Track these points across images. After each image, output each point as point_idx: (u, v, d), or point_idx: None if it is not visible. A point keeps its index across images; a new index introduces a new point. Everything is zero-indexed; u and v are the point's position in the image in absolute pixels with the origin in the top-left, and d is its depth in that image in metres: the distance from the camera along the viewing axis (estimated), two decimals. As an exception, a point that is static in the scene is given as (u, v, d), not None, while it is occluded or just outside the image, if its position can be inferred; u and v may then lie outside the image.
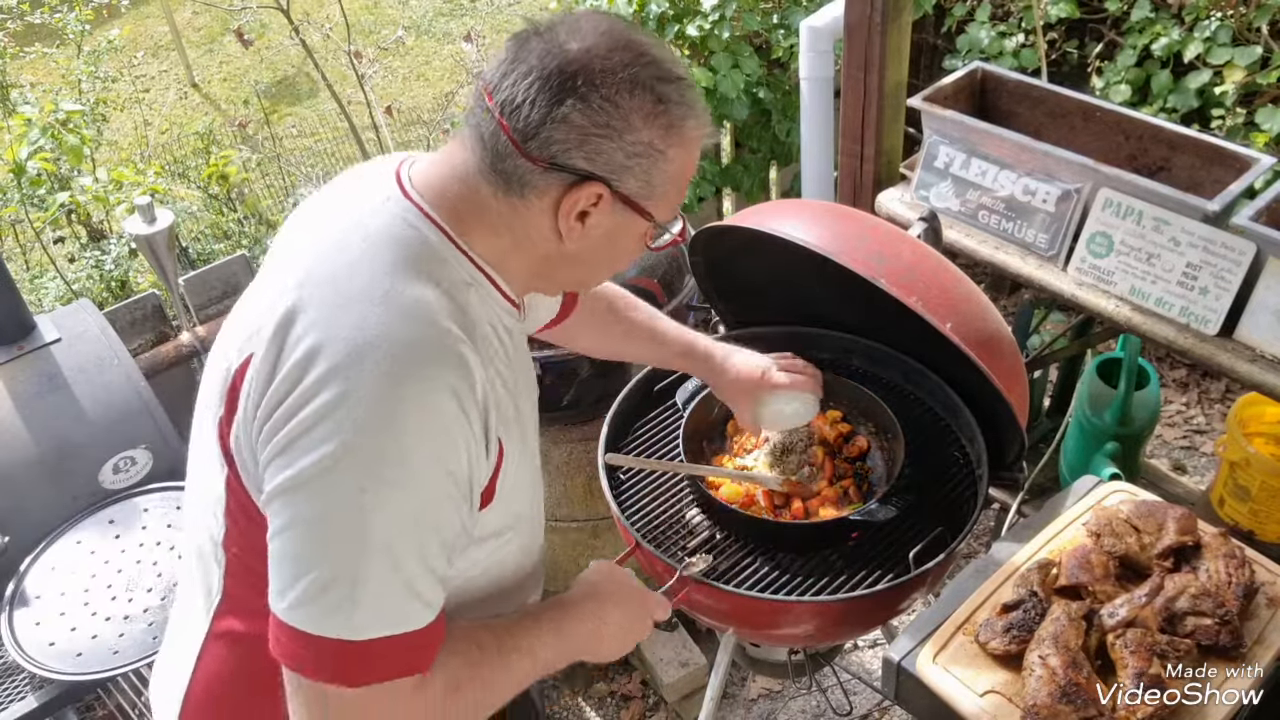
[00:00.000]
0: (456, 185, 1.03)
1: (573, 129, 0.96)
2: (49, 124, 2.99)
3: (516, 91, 0.96)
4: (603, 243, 1.05)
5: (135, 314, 2.41)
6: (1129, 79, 2.83)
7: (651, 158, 1.00)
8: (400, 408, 0.91)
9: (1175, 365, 3.23)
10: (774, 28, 3.11)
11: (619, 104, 0.96)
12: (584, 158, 0.97)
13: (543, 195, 1.00)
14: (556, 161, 0.97)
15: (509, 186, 1.00)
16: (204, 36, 6.81)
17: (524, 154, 0.97)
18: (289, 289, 0.97)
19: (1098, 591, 1.34)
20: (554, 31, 0.98)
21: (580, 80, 0.95)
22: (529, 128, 0.96)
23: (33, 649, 1.66)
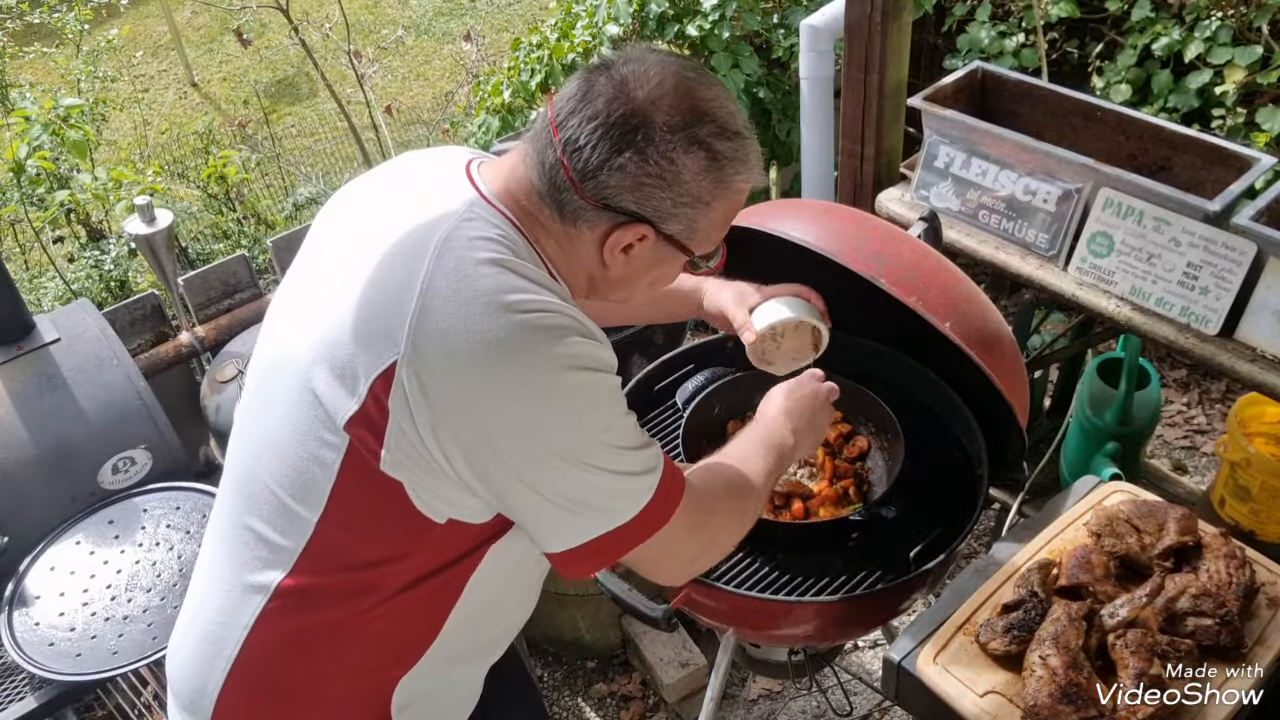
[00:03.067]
0: (524, 198, 1.09)
1: (627, 176, 1.03)
2: (50, 120, 2.99)
3: (581, 134, 1.03)
4: (643, 271, 1.14)
5: (135, 314, 2.41)
6: (1129, 79, 2.82)
7: (698, 208, 1.07)
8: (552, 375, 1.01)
9: (1176, 365, 3.23)
10: (774, 27, 3.11)
11: (673, 159, 1.03)
12: (634, 202, 1.05)
13: (594, 228, 1.08)
14: (608, 203, 1.05)
15: (563, 214, 1.07)
16: (204, 36, 6.81)
17: (579, 193, 1.05)
18: (412, 298, 1.01)
19: (1098, 592, 1.34)
20: (623, 76, 1.04)
21: (641, 135, 1.02)
22: (587, 170, 1.03)
23: (32, 649, 1.65)
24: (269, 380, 1.14)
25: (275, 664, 1.13)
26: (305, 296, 1.15)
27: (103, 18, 5.50)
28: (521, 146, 1.11)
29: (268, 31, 6.43)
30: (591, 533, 1.07)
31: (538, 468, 1.03)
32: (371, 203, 1.17)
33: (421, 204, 1.10)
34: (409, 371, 1.00)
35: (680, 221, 1.08)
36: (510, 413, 1.01)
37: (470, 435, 1.01)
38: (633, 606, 1.45)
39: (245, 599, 1.12)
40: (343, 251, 1.13)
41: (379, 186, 1.20)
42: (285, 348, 1.12)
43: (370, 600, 1.09)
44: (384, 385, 1.01)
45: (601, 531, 1.06)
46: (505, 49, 5.53)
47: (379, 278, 1.06)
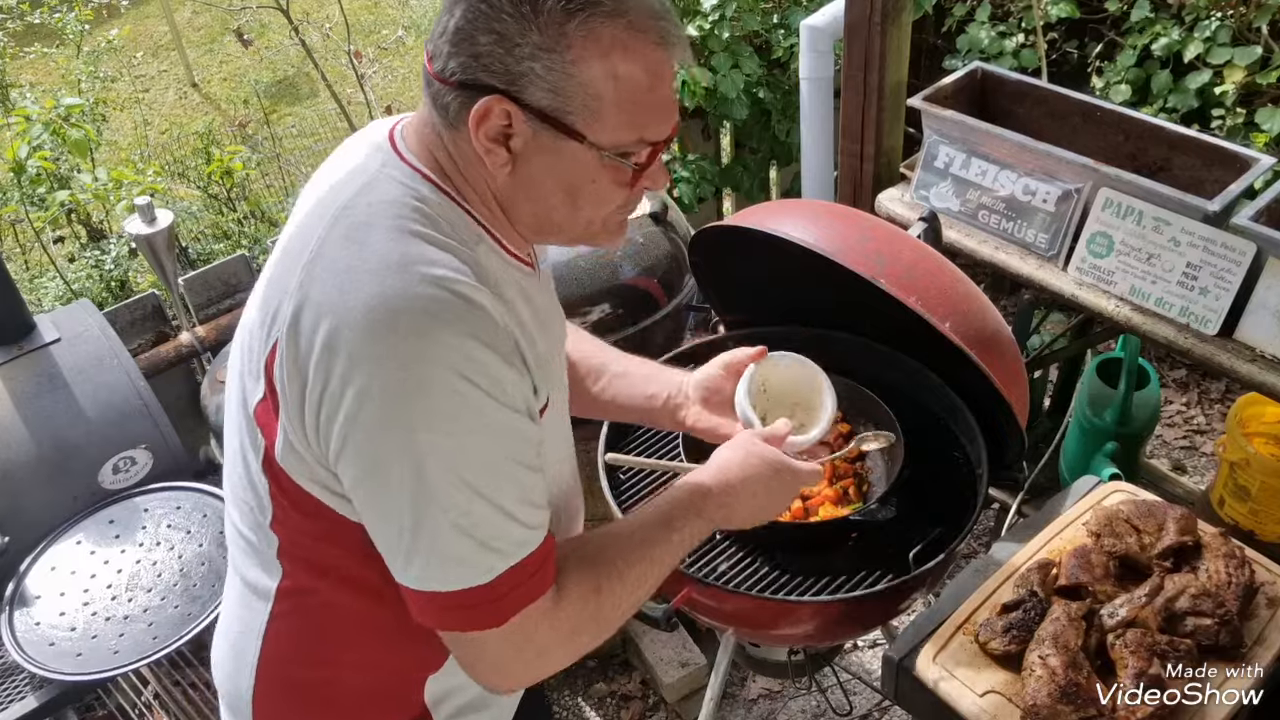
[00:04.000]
0: (430, 134, 0.98)
1: (462, 38, 0.89)
2: (50, 120, 2.99)
3: (437, 23, 0.92)
4: (545, 173, 0.95)
5: (135, 314, 2.41)
6: (1129, 79, 2.82)
7: (544, 59, 0.88)
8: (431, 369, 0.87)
9: (1175, 365, 3.23)
10: (774, 28, 3.11)
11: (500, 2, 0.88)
12: (482, 69, 0.89)
13: (462, 120, 0.92)
14: (458, 78, 0.91)
15: (443, 117, 0.94)
16: (204, 36, 6.81)
17: (436, 75, 0.92)
18: (300, 267, 0.93)
19: (1098, 591, 1.34)
20: None
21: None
22: (437, 48, 0.92)
23: (33, 649, 1.66)
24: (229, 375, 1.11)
25: (295, 667, 1.11)
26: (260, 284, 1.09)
27: (103, 18, 5.50)
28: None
29: (268, 32, 6.43)
30: (412, 574, 0.92)
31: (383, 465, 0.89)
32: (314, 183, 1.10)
33: (341, 174, 1.01)
34: (287, 345, 0.90)
35: (539, 85, 0.89)
36: (375, 390, 0.86)
37: (334, 411, 0.89)
38: (633, 606, 1.45)
39: (253, 604, 1.11)
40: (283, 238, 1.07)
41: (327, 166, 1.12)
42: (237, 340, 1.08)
43: (367, 599, 1.03)
44: (272, 363, 0.93)
45: (427, 584, 0.91)
46: (505, 49, 5.51)
47: (283, 257, 0.98)
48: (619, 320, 1.99)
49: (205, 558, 1.79)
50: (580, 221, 1.00)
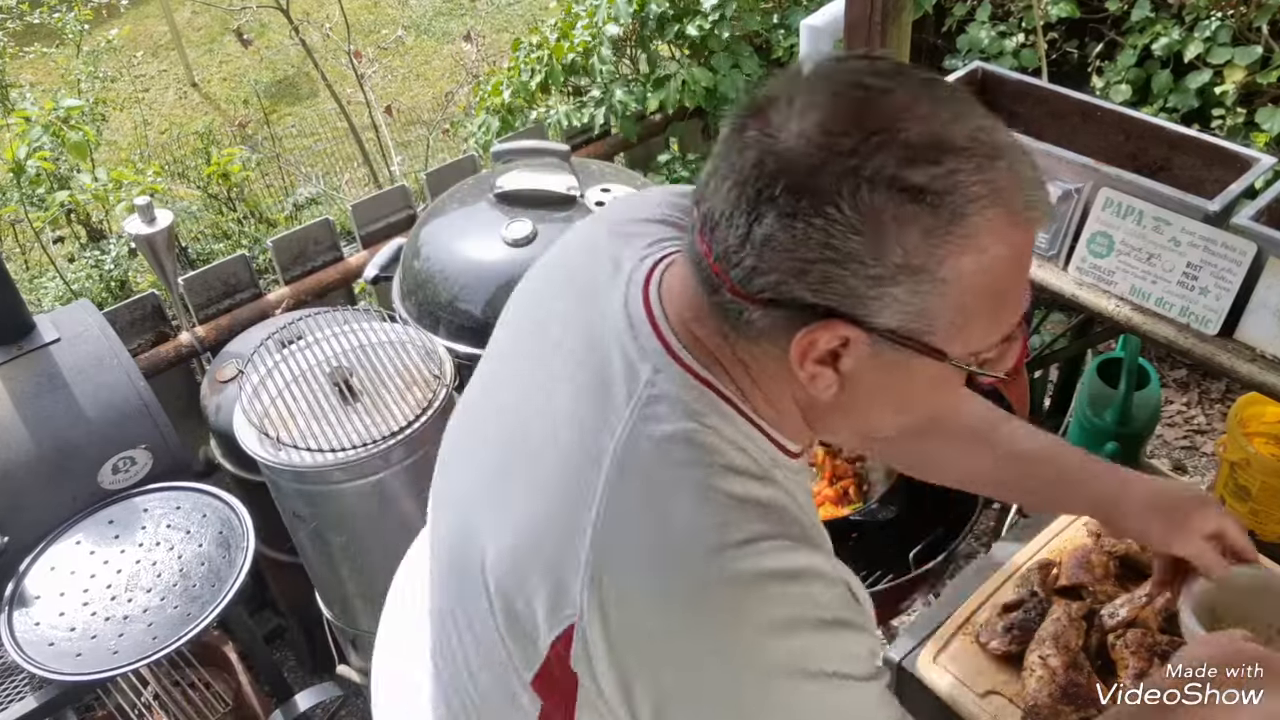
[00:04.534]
0: (700, 327, 0.80)
1: (781, 253, 0.70)
2: (50, 121, 2.99)
3: (715, 202, 0.73)
4: (879, 390, 0.78)
5: (135, 314, 2.41)
6: (1129, 79, 2.82)
7: (909, 282, 0.70)
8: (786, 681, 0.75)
9: (1176, 365, 3.23)
10: (774, 28, 3.11)
11: (842, 211, 0.68)
12: (808, 289, 0.71)
13: (772, 338, 0.75)
14: (771, 295, 0.72)
15: (734, 326, 0.76)
16: (204, 36, 6.81)
17: (731, 287, 0.73)
18: (583, 532, 0.77)
19: (1098, 591, 1.34)
20: (774, 107, 0.72)
21: (781, 184, 0.69)
22: (728, 252, 0.72)
23: (32, 649, 1.65)
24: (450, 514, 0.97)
25: None
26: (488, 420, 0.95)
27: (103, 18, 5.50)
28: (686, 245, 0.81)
29: (268, 31, 6.43)
30: None
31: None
32: (543, 322, 0.92)
33: (593, 357, 0.83)
34: (593, 634, 0.76)
35: (894, 308, 0.71)
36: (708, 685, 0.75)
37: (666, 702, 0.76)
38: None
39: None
40: (517, 379, 0.92)
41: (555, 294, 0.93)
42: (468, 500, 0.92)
43: None
44: (565, 646, 0.78)
45: None
46: (505, 49, 5.53)
47: (548, 479, 0.82)
48: (619, 320, 1.99)
49: (205, 558, 1.78)
50: (900, 426, 0.86)
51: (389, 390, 1.78)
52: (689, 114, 3.18)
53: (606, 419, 0.79)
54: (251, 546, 1.77)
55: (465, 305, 1.96)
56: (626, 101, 2.96)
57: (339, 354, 1.86)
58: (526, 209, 2.04)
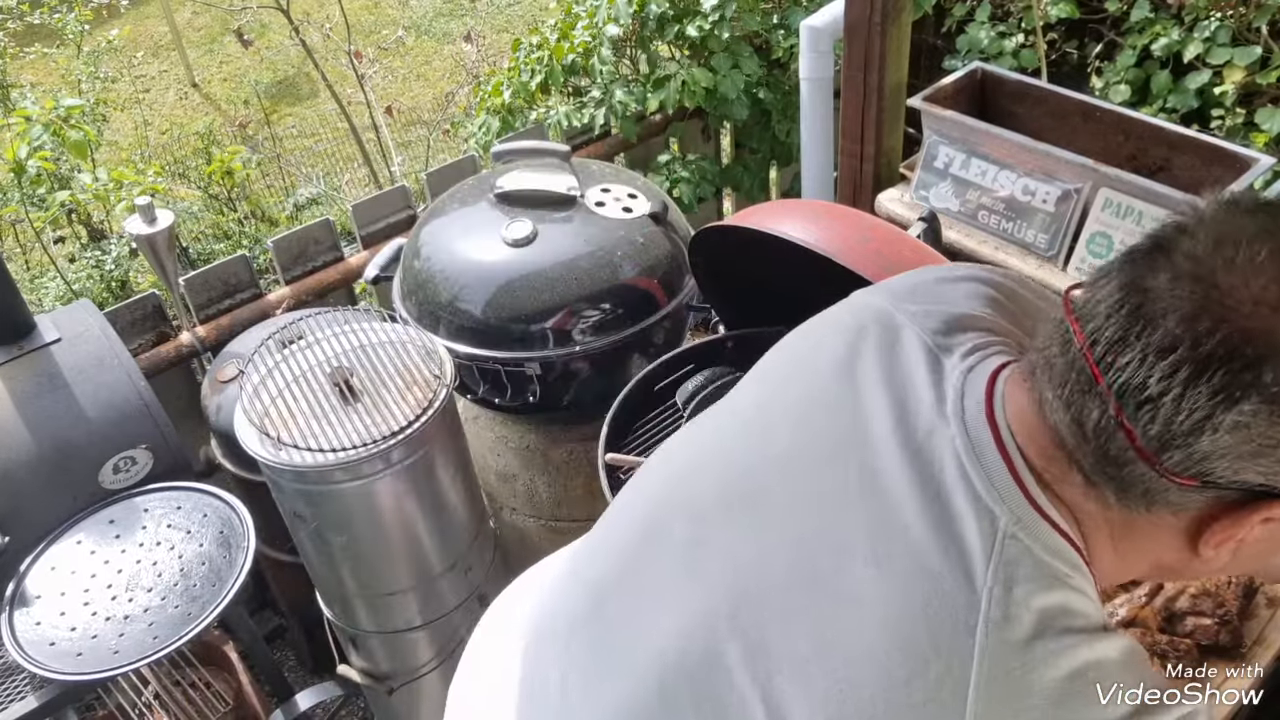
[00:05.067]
0: (1066, 488, 0.72)
1: (1248, 440, 0.63)
2: (50, 120, 2.99)
3: (1148, 377, 0.63)
4: (1258, 555, 0.74)
5: (135, 314, 2.41)
6: (1129, 79, 2.83)
7: None
8: None
9: (1175, 365, 3.22)
10: (774, 28, 3.11)
11: None
12: (1260, 473, 0.64)
13: (1179, 512, 0.69)
14: (1213, 480, 0.65)
15: (1126, 495, 0.69)
16: (204, 37, 6.82)
17: (1157, 467, 0.66)
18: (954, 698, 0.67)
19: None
20: (1204, 265, 0.63)
21: (1267, 366, 0.61)
22: (1170, 435, 0.64)
23: (33, 649, 1.66)
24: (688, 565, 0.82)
25: None
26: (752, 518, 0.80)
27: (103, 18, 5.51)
28: (1035, 378, 0.72)
29: (268, 32, 6.44)
30: None
31: None
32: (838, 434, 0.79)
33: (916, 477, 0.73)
34: None
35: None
36: None
37: None
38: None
39: None
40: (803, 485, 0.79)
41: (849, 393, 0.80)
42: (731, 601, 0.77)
43: None
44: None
45: None
46: (505, 49, 5.54)
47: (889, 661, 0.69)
48: (619, 320, 1.99)
49: (205, 557, 1.79)
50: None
51: (389, 390, 1.79)
52: (689, 114, 3.18)
53: (959, 580, 0.69)
54: (252, 546, 1.77)
55: (465, 305, 1.96)
56: (626, 102, 2.96)
57: (339, 354, 1.86)
58: (527, 209, 2.04)
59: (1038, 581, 0.69)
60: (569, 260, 1.95)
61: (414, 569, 1.87)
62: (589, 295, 1.95)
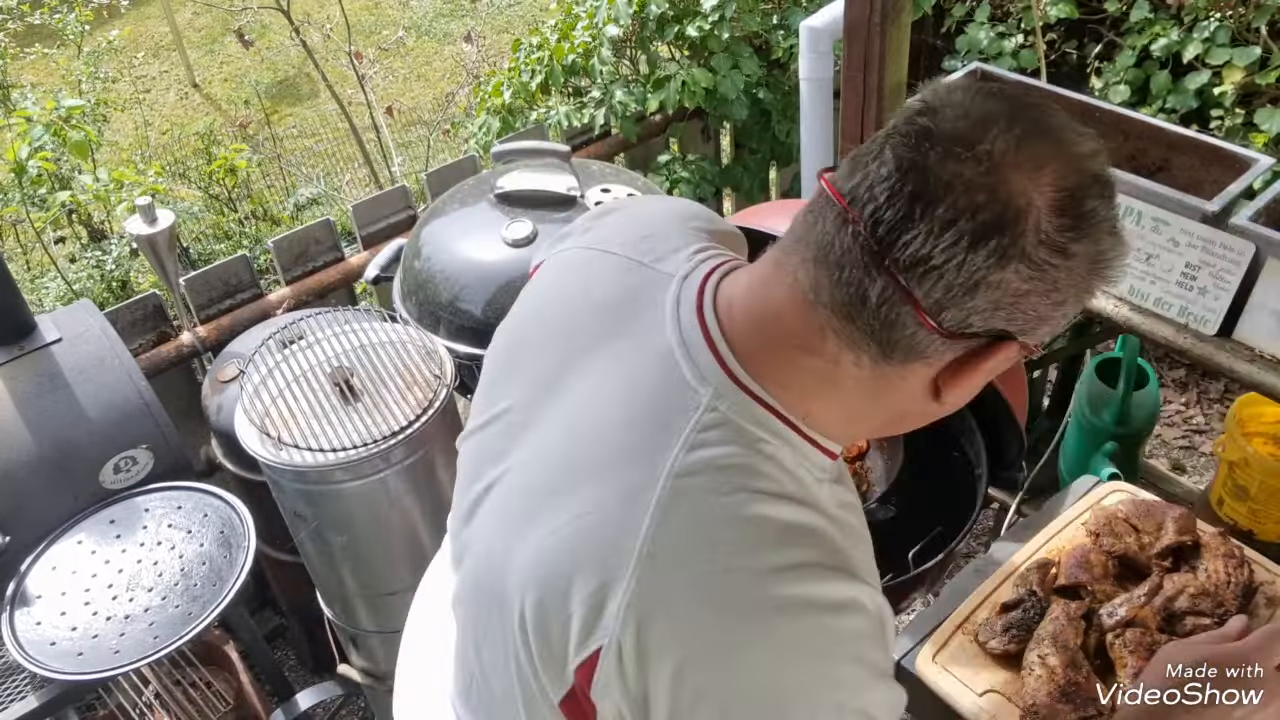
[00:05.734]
0: (801, 355, 0.78)
1: (1006, 292, 0.71)
2: (51, 121, 2.99)
3: (932, 249, 0.70)
4: (968, 390, 0.80)
5: (136, 314, 2.41)
6: (1128, 79, 2.83)
7: (1080, 302, 0.75)
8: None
9: (1174, 365, 3.23)
10: (774, 28, 3.11)
11: (1070, 253, 0.71)
12: (1006, 319, 0.73)
13: (933, 363, 0.76)
14: (972, 330, 0.73)
15: (888, 355, 0.75)
16: (205, 37, 6.82)
17: (934, 327, 0.72)
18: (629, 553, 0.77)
19: (1097, 591, 1.35)
20: (976, 142, 0.71)
21: (1025, 228, 0.69)
22: (950, 297, 0.71)
23: (33, 648, 1.66)
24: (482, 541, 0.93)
25: None
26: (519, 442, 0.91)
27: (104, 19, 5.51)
28: (776, 259, 0.80)
29: (269, 32, 6.44)
30: None
31: None
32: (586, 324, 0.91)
33: (646, 375, 0.83)
34: (626, 658, 0.76)
35: (1050, 324, 0.75)
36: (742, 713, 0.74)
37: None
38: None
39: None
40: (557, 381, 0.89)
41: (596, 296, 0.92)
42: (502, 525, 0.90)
43: None
44: (589, 673, 0.78)
45: None
46: (506, 50, 5.54)
47: (596, 500, 0.81)
48: (619, 320, 1.99)
49: (206, 557, 1.79)
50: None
51: (390, 390, 1.79)
52: (689, 114, 3.18)
53: (660, 444, 0.79)
54: (252, 546, 1.77)
55: (466, 305, 1.96)
56: (626, 102, 2.97)
57: (340, 354, 1.87)
58: (527, 209, 2.05)
59: (728, 445, 0.78)
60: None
61: (414, 568, 1.88)
62: (589, 295, 1.95)
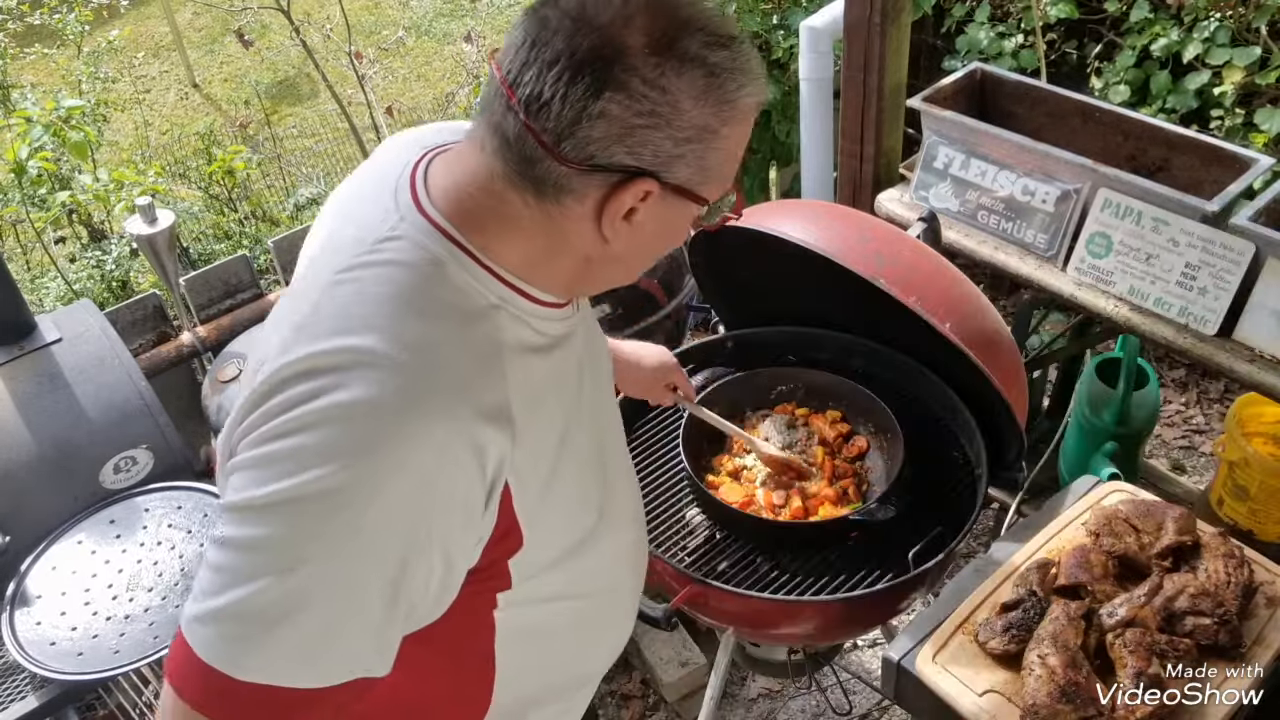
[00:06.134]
0: (479, 194, 0.91)
1: (614, 123, 0.83)
2: (51, 121, 2.99)
3: (543, 86, 0.83)
4: (651, 236, 0.93)
5: (136, 314, 2.41)
6: (1128, 79, 2.83)
7: (705, 140, 0.87)
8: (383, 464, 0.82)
9: (1174, 365, 3.23)
10: (774, 28, 3.11)
11: (665, 87, 0.83)
12: (628, 153, 0.85)
13: (582, 199, 0.87)
14: (597, 162, 0.84)
15: (541, 192, 0.87)
16: (205, 37, 6.82)
17: (558, 158, 0.84)
18: (290, 326, 0.88)
19: (1097, 591, 1.35)
20: (577, 3, 0.84)
21: (619, 65, 0.82)
22: (562, 127, 0.83)
23: (34, 648, 1.66)
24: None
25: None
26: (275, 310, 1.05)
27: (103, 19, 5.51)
28: (474, 126, 0.92)
29: (269, 32, 6.44)
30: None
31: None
32: (330, 211, 1.06)
33: (353, 220, 0.96)
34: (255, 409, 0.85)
35: (688, 163, 0.87)
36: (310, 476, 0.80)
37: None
38: (633, 606, 1.46)
39: None
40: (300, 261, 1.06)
41: (345, 190, 1.07)
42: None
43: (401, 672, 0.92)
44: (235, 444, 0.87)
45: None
46: (505, 50, 5.52)
47: (290, 297, 0.95)
48: (619, 320, 1.99)
49: (206, 557, 1.79)
50: (641, 271, 1.02)
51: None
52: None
53: (343, 254, 0.91)
54: (252, 546, 1.77)
55: (466, 305, 1.96)
56: (627, 102, 2.96)
57: (340, 354, 1.86)
58: (527, 209, 2.05)
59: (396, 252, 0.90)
60: (569, 260, 1.96)
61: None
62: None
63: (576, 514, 1.05)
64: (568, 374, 1.02)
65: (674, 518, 1.61)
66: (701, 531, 1.58)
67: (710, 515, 1.60)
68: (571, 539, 1.04)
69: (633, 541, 1.20)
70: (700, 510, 1.61)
